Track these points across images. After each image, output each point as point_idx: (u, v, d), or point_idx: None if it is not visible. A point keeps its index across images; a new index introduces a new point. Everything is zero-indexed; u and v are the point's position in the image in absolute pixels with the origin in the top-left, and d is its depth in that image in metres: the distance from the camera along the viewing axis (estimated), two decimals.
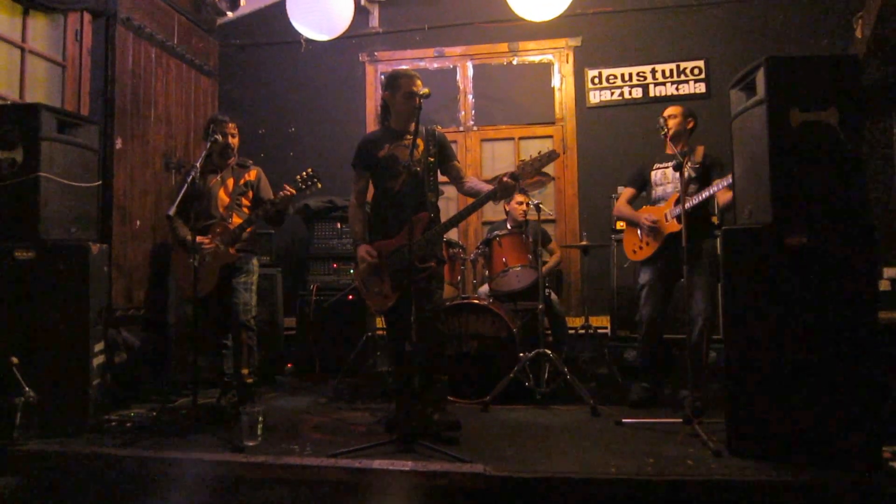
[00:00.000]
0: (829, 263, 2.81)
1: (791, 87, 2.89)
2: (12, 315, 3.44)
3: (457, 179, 3.66)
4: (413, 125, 3.47)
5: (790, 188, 2.87)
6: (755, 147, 3.01)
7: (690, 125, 4.12)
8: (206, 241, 3.85)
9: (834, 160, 2.86)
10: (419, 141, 3.52)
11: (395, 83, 3.53)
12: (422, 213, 3.40)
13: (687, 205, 3.69)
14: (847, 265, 2.80)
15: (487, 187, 3.49)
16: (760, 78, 2.96)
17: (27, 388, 3.26)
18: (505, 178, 3.30)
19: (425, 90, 3.33)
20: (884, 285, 4.53)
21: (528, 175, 3.34)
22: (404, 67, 5.99)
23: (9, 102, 4.06)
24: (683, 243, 3.40)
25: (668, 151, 4.09)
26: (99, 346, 3.60)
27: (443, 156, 3.62)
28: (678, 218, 3.72)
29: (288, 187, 3.81)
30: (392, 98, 3.55)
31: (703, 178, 3.95)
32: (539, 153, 3.29)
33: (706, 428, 3.12)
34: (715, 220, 4.34)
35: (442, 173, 3.68)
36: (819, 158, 2.86)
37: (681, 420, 3.27)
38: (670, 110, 4.11)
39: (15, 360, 3.31)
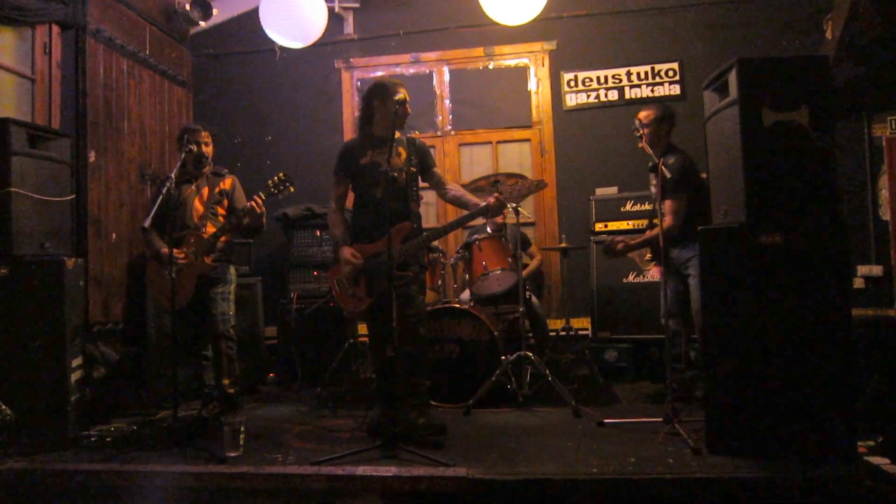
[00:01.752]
0: (803, 261, 2.86)
1: (763, 87, 2.93)
2: None
3: (439, 186, 3.70)
4: (396, 134, 3.52)
5: (764, 187, 2.91)
6: (729, 147, 3.06)
7: (667, 128, 4.03)
8: (181, 254, 3.81)
9: (806, 159, 2.90)
10: (401, 149, 3.56)
11: (385, 91, 3.52)
12: (404, 222, 3.44)
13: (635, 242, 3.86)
14: (820, 263, 2.85)
15: (473, 198, 3.58)
16: (732, 79, 3.00)
17: (4, 406, 3.23)
18: (493, 198, 3.41)
19: (400, 95, 3.43)
20: (858, 283, 4.62)
21: (514, 200, 3.44)
22: (380, 74, 6.02)
23: None
24: (661, 252, 3.44)
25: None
26: (77, 362, 3.55)
27: (424, 164, 3.67)
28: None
29: (256, 198, 3.79)
30: (382, 105, 3.54)
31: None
32: (529, 181, 3.52)
33: (687, 426, 3.14)
34: None
35: (423, 181, 3.72)
36: (791, 158, 2.91)
37: (661, 419, 3.30)
38: (643, 115, 4.03)
39: None
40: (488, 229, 5.01)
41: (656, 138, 3.98)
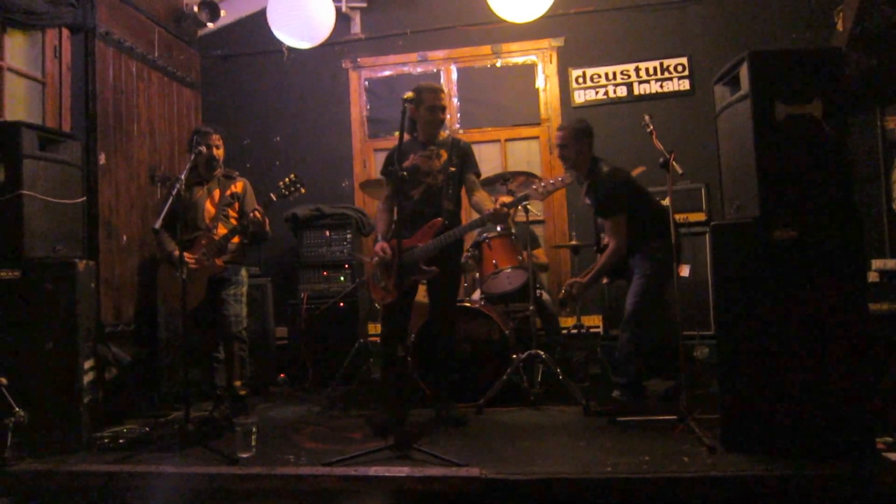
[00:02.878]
0: (818, 256, 2.82)
1: (775, 81, 2.90)
2: None
3: (469, 191, 3.82)
4: (440, 135, 3.70)
5: (777, 182, 2.87)
6: (741, 141, 3.03)
7: (588, 143, 3.89)
8: (192, 259, 3.82)
9: (819, 152, 2.87)
10: (442, 151, 3.72)
11: (419, 97, 3.65)
12: (435, 219, 3.59)
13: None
14: (835, 257, 2.81)
15: (486, 205, 3.66)
16: (744, 73, 2.97)
17: (17, 409, 3.22)
18: (498, 206, 3.51)
19: (409, 94, 3.45)
20: (872, 277, 4.55)
21: (540, 196, 3.56)
22: (388, 73, 6.02)
23: None
24: (672, 239, 3.39)
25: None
26: (89, 363, 3.56)
27: (463, 166, 3.77)
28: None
29: (257, 209, 3.84)
30: (416, 111, 3.70)
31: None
32: (554, 179, 3.53)
33: (700, 424, 3.11)
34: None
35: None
36: (805, 151, 2.87)
37: (675, 417, 3.27)
38: (557, 136, 3.96)
39: (3, 380, 3.26)
40: (497, 227, 4.99)
41: (578, 157, 3.90)
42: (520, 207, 4.50)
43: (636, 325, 3.71)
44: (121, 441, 3.50)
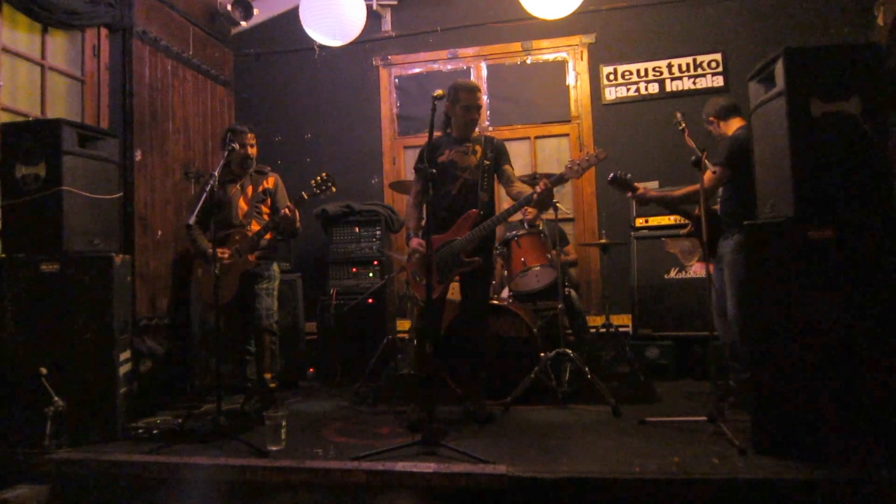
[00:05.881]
0: (854, 256, 2.76)
1: (811, 77, 2.84)
2: (39, 326, 3.50)
3: (507, 183, 3.86)
4: (474, 133, 3.77)
5: (812, 180, 2.82)
6: (776, 139, 2.97)
7: (721, 120, 3.87)
8: (226, 255, 3.88)
9: (857, 150, 2.80)
10: (476, 147, 3.80)
11: (455, 96, 3.78)
12: (471, 210, 3.65)
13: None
14: (872, 257, 2.75)
15: (528, 191, 3.68)
16: (779, 69, 2.91)
17: (56, 398, 3.31)
18: (541, 185, 3.47)
19: (438, 91, 3.48)
20: None
21: (576, 174, 3.58)
22: (418, 70, 6.04)
23: (31, 119, 4.12)
24: (704, 237, 3.35)
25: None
26: (125, 355, 3.65)
27: (497, 161, 3.84)
28: None
29: (287, 206, 3.89)
30: (452, 109, 3.81)
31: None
32: (587, 154, 3.56)
33: (731, 426, 3.07)
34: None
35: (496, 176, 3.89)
36: (842, 149, 2.81)
37: (705, 418, 3.23)
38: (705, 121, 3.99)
39: (44, 370, 3.36)
40: (525, 225, 4.97)
41: (718, 133, 3.91)
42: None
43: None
44: (155, 432, 3.58)
